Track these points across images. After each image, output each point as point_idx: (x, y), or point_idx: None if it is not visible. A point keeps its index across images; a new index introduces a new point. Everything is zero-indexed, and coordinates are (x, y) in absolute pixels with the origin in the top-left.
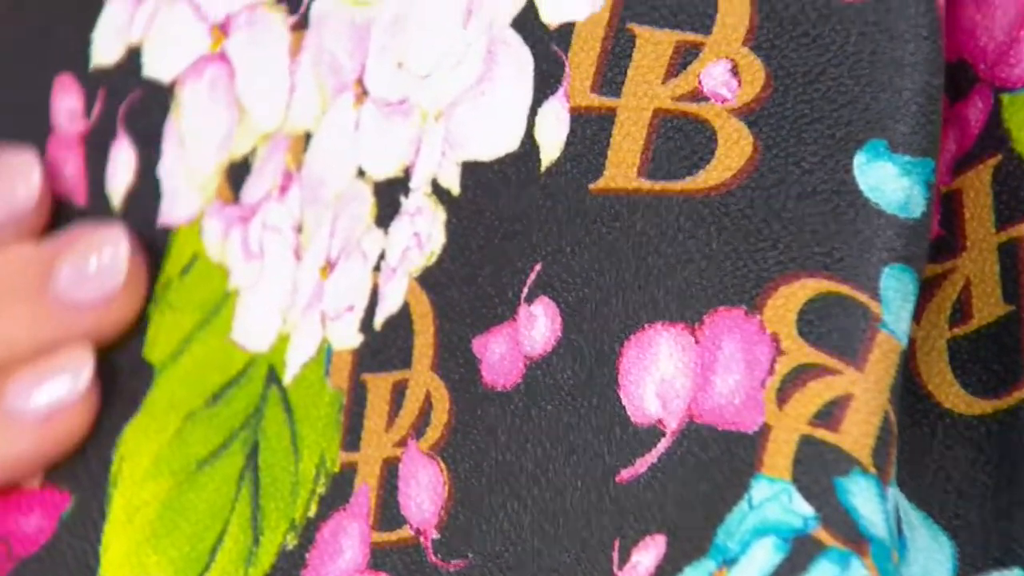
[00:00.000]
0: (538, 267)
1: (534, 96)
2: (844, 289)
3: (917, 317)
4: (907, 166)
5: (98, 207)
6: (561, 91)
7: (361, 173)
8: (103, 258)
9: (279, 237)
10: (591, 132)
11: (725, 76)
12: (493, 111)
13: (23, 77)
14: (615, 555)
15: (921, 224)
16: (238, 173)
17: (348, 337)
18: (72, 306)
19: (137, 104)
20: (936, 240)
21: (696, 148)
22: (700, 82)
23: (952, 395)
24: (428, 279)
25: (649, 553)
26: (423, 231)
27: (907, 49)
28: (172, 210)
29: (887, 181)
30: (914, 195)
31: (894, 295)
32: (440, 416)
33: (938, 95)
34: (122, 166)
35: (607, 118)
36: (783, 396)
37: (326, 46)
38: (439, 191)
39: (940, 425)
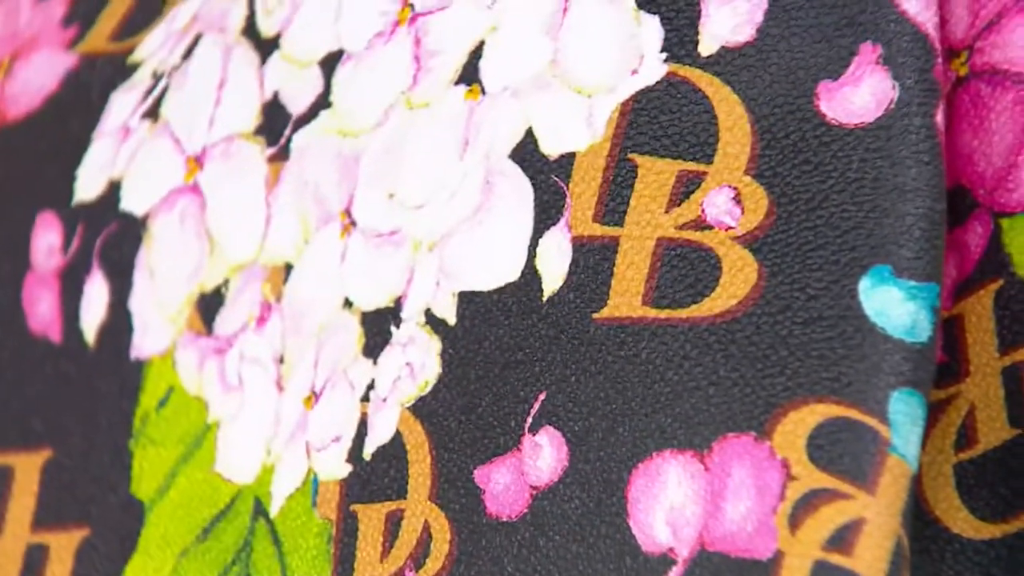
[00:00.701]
0: (542, 396)
1: (535, 226)
2: (853, 413)
3: (922, 442)
4: (912, 291)
5: (72, 343)
6: (563, 221)
7: (348, 303)
8: None
9: (259, 369)
10: (594, 261)
11: (728, 204)
12: (491, 241)
13: (7, 214)
14: None
15: (928, 348)
16: (209, 304)
17: (335, 467)
18: None
19: (112, 238)
20: (939, 365)
21: (701, 276)
22: (703, 210)
23: (960, 520)
24: (422, 409)
25: None
26: (416, 361)
27: (909, 174)
28: (144, 342)
29: (892, 306)
30: (920, 319)
31: (903, 419)
32: (441, 546)
33: (941, 219)
34: (95, 301)
35: (610, 247)
36: (795, 521)
37: (309, 177)
38: (433, 321)
39: (949, 550)
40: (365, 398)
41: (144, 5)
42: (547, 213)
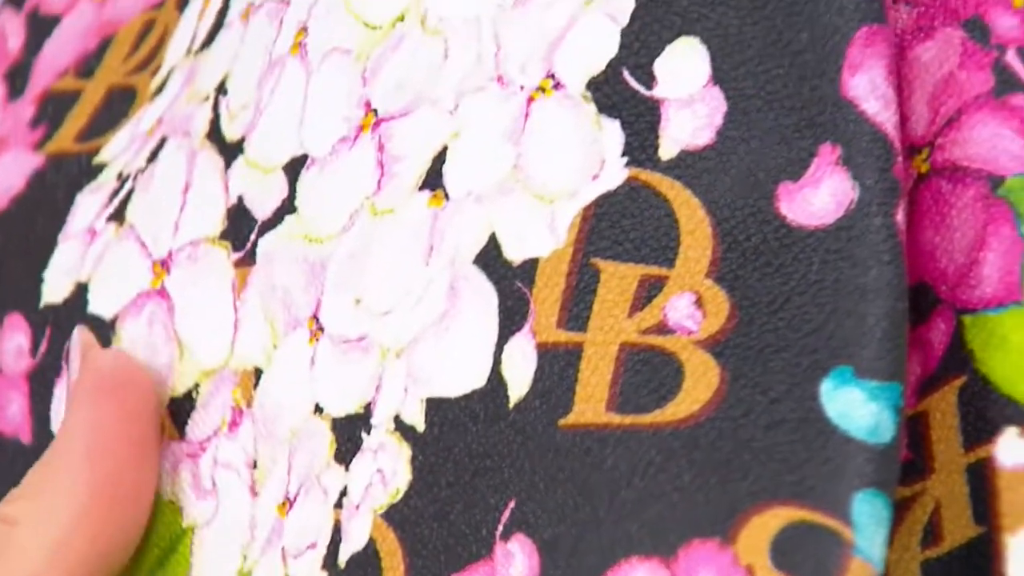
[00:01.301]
0: (512, 503)
1: (499, 332)
2: (816, 517)
3: (889, 540)
4: (874, 391)
5: (43, 444)
6: (527, 327)
7: (318, 409)
8: None
9: (233, 474)
10: (559, 368)
11: (690, 308)
12: (457, 348)
13: None
14: None
15: (891, 449)
16: (181, 408)
17: (311, 574)
18: None
19: None
20: (904, 463)
21: (664, 381)
22: (665, 315)
23: None
24: (394, 516)
25: None
26: (387, 468)
27: (870, 275)
28: None
29: (855, 407)
30: (883, 420)
31: (867, 520)
32: None
33: (903, 319)
34: (65, 402)
35: (574, 353)
36: None
37: (276, 282)
38: (403, 428)
39: None
40: (338, 504)
41: (111, 107)
42: (511, 319)
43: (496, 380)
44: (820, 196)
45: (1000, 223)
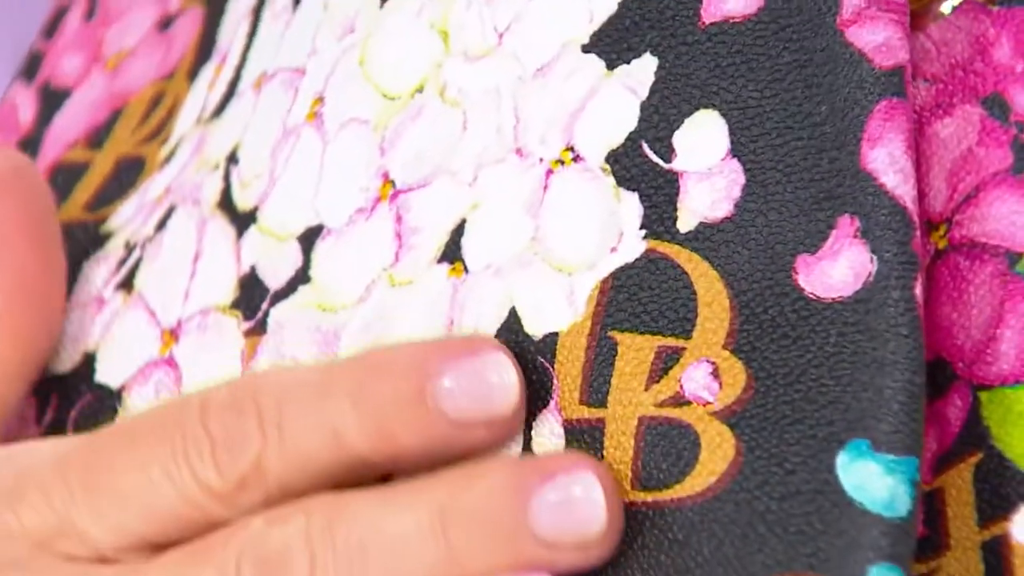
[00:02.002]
0: None
1: (527, 409)
2: None
3: None
4: (891, 465)
5: None
6: (552, 403)
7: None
8: (582, 495)
9: None
10: (585, 445)
11: (706, 379)
12: None
13: None
14: None
15: (907, 523)
16: None
17: None
18: (552, 546)
19: (87, 409)
20: (920, 539)
21: (681, 453)
22: (682, 385)
23: None
24: None
25: None
26: None
27: (887, 348)
28: None
29: (871, 480)
30: (899, 494)
31: None
32: None
33: (920, 393)
34: None
35: (598, 429)
36: None
37: (286, 351)
38: None
39: None
40: None
41: (119, 177)
42: (537, 395)
43: (527, 457)
44: (838, 268)
45: (1018, 300)
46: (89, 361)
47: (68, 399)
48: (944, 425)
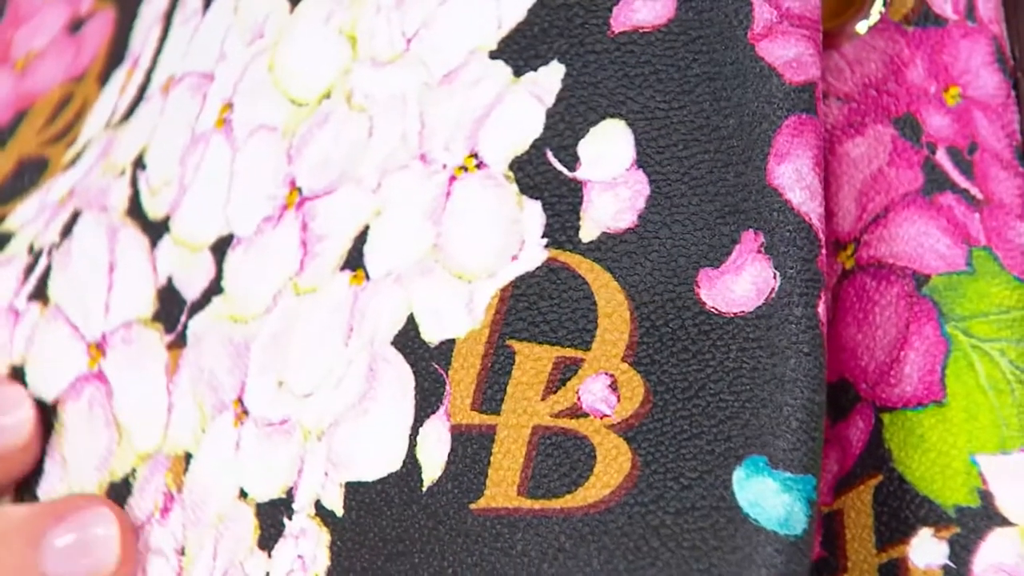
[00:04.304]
0: None
1: (415, 414)
2: None
3: None
4: (788, 483)
5: None
6: (442, 409)
7: (243, 494)
8: (92, 536)
9: (162, 560)
10: (472, 450)
11: (604, 391)
12: (375, 430)
13: None
14: None
15: (802, 541)
16: (119, 494)
17: None
18: None
19: None
20: (818, 561)
21: (575, 465)
22: (579, 397)
23: None
24: None
25: None
26: (307, 553)
27: (788, 365)
28: None
29: (767, 497)
30: (795, 512)
31: None
32: None
33: (820, 411)
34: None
35: (487, 436)
36: None
37: (205, 364)
38: (323, 512)
39: None
40: None
41: (21, 176)
42: (428, 401)
43: (411, 463)
44: (741, 283)
45: (923, 322)
46: (19, 375)
47: None
48: (846, 446)
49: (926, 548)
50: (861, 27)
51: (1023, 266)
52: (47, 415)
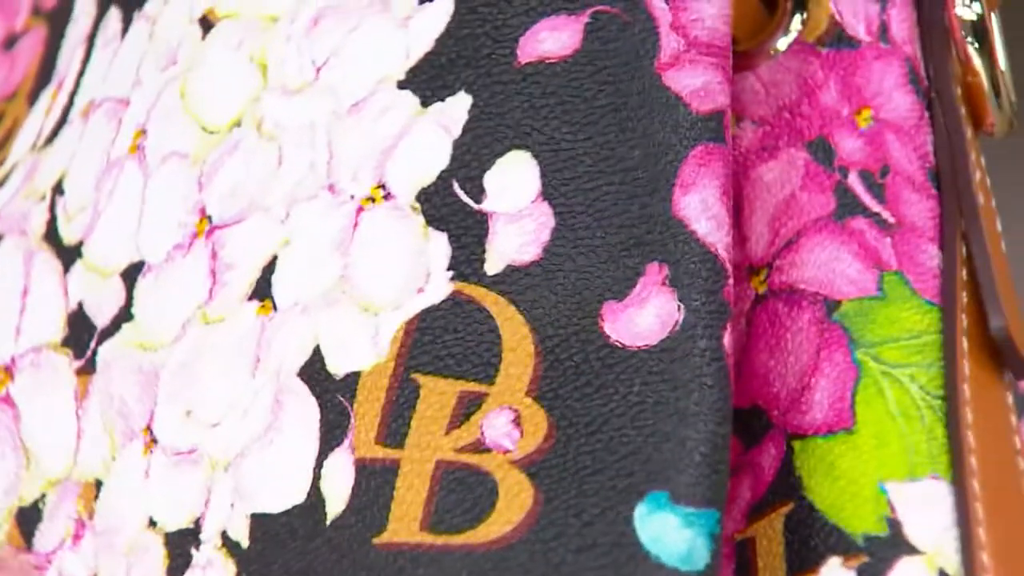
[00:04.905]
0: None
1: (320, 447)
2: None
3: None
4: (689, 517)
5: None
6: (347, 442)
7: (152, 523)
8: None
9: None
10: (375, 484)
11: (507, 426)
12: (280, 462)
13: None
14: None
15: None
16: (29, 519)
17: None
18: None
19: None
20: None
21: (478, 500)
22: (483, 432)
23: None
24: None
25: None
26: None
27: (691, 398)
28: None
29: (668, 533)
30: (697, 546)
31: None
32: None
33: (724, 444)
34: None
35: (391, 470)
36: None
37: (114, 391)
38: (229, 543)
39: None
40: None
41: None
42: (332, 434)
43: (315, 496)
44: (644, 316)
45: (834, 348)
46: None
47: None
48: (758, 473)
49: None
50: (781, 44)
51: (934, 290)
52: None
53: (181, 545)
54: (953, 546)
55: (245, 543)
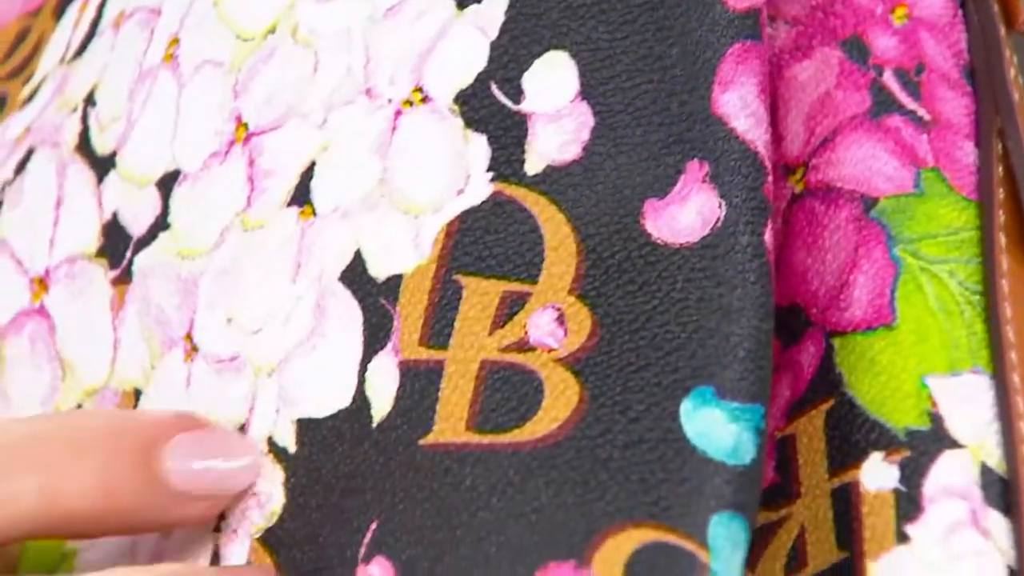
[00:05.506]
0: (375, 525)
1: (364, 350)
2: (672, 538)
3: (753, 564)
4: (735, 412)
5: None
6: (391, 345)
7: None
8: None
9: None
10: (420, 386)
11: (551, 325)
12: (324, 367)
13: None
14: None
15: (751, 471)
16: None
17: None
18: None
19: None
20: (771, 486)
21: (523, 399)
22: (527, 331)
23: None
24: (271, 539)
25: None
26: (263, 491)
27: (734, 294)
28: None
29: (715, 428)
30: (743, 441)
31: (723, 543)
32: None
33: (767, 340)
34: None
35: (436, 371)
36: None
37: (152, 300)
38: (276, 449)
39: None
40: (216, 529)
41: None
42: (376, 337)
43: (360, 399)
44: (686, 213)
45: (872, 245)
46: None
47: None
48: (798, 371)
49: (877, 471)
50: None
51: (971, 186)
52: None
53: None
54: (995, 440)
55: (292, 448)
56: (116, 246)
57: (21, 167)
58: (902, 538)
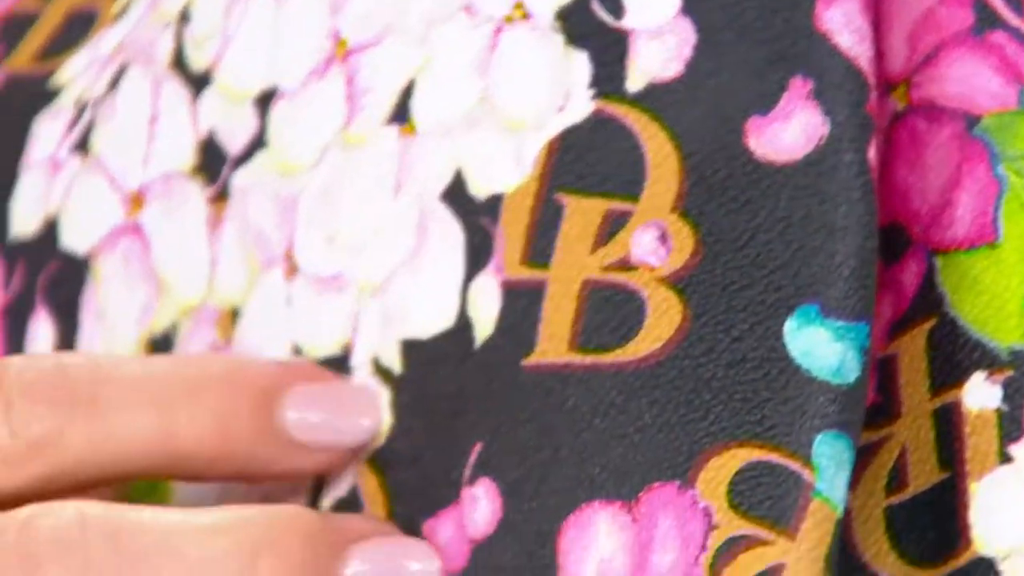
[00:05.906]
0: (479, 447)
1: (466, 270)
2: (776, 456)
3: (853, 484)
4: (840, 331)
5: None
6: (492, 264)
7: (297, 350)
8: (392, 563)
9: None
10: (523, 305)
11: (654, 243)
12: (427, 287)
13: None
14: None
15: (855, 390)
16: (159, 348)
17: None
18: None
19: (55, 275)
20: (872, 406)
21: (626, 318)
22: (629, 249)
23: (890, 564)
24: (378, 460)
25: None
26: None
27: (839, 212)
28: None
29: (819, 346)
30: (848, 360)
31: (828, 462)
32: None
33: (872, 258)
34: (40, 340)
35: (537, 291)
36: (716, 571)
37: (251, 218)
38: (381, 370)
39: None
40: None
41: (70, 29)
42: (478, 256)
43: (463, 319)
44: (790, 131)
45: (975, 162)
46: (52, 226)
47: (34, 264)
48: (899, 290)
49: (980, 391)
50: None
51: None
52: (80, 269)
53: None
54: None
55: (398, 369)
56: (212, 164)
57: (114, 83)
58: (1005, 458)
